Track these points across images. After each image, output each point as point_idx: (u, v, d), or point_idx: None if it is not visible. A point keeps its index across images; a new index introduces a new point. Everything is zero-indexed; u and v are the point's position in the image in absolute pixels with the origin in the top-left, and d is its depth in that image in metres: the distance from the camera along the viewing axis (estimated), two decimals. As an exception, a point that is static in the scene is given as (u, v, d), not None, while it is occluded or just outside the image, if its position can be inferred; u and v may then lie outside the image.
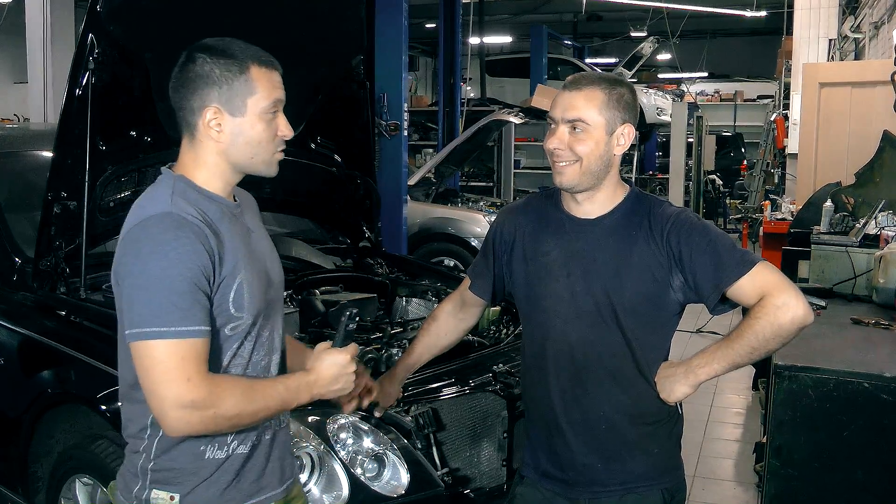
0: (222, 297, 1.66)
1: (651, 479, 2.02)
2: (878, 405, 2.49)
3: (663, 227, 1.95)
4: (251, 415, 1.66)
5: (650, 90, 16.03)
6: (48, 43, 7.73)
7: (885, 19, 7.36)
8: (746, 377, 5.83)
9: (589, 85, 1.95)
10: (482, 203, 9.21)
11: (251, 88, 1.70)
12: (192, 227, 1.63)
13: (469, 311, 2.28)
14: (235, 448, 1.74)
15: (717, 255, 1.91)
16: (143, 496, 1.72)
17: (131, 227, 1.66)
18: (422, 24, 17.81)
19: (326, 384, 1.77)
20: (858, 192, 5.09)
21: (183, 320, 1.58)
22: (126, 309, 1.62)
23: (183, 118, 1.73)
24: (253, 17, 3.30)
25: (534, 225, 2.08)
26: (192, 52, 1.71)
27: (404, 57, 7.55)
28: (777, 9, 12.92)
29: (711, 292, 1.92)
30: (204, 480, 1.71)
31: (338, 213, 4.27)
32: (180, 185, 1.70)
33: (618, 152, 1.98)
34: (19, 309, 3.19)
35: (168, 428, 1.60)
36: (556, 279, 2.00)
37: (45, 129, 4.63)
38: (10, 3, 12.77)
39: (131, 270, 1.61)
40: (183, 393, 1.56)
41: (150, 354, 1.57)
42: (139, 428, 1.72)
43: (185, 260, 1.59)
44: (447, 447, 2.79)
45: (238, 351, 1.73)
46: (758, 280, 1.90)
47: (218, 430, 1.65)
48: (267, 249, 1.87)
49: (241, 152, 1.73)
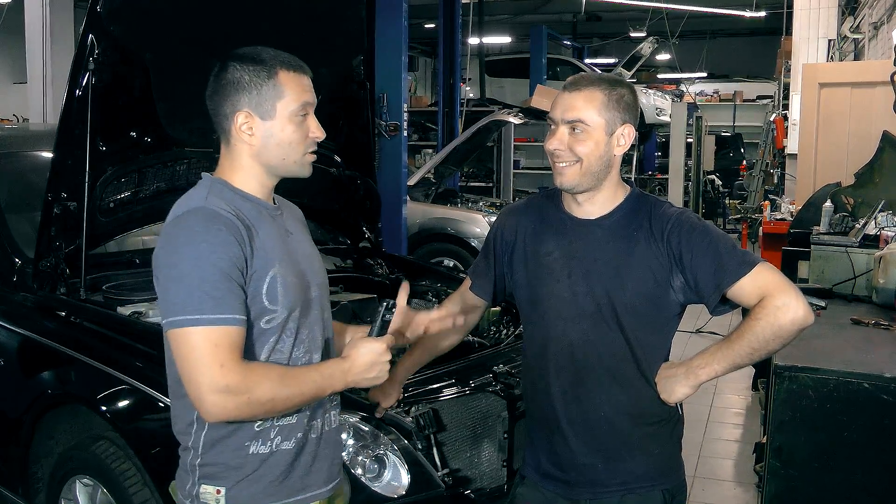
0: (255, 290, 1.72)
1: (652, 480, 2.03)
2: (878, 405, 2.49)
3: (664, 228, 1.95)
4: (285, 399, 1.70)
5: (649, 90, 16.04)
6: (48, 43, 7.73)
7: (885, 19, 7.36)
8: (746, 377, 5.83)
9: (588, 86, 1.95)
10: (482, 203, 9.21)
11: (280, 92, 1.77)
12: (223, 219, 1.69)
13: (469, 311, 2.27)
14: (279, 444, 1.78)
15: (717, 255, 1.92)
16: (194, 492, 1.78)
17: (167, 224, 1.74)
18: (421, 24, 17.82)
19: (361, 372, 1.80)
20: (858, 193, 5.09)
21: (215, 308, 1.63)
22: (162, 299, 1.70)
23: (218, 124, 1.81)
24: (253, 17, 3.30)
25: (535, 225, 2.08)
26: (226, 60, 1.79)
27: (404, 57, 7.55)
28: (776, 9, 12.92)
29: (712, 293, 1.92)
30: (248, 476, 1.76)
31: (338, 214, 4.27)
32: (217, 185, 1.79)
33: (618, 153, 1.99)
34: (19, 310, 3.19)
35: (205, 413, 1.65)
36: (557, 279, 2.00)
37: (44, 129, 4.63)
38: (9, 3, 12.77)
39: (166, 262, 1.69)
40: (217, 378, 1.61)
41: (185, 342, 1.63)
42: (186, 423, 1.78)
43: (216, 250, 1.66)
44: (448, 448, 2.79)
45: (276, 346, 1.77)
46: (758, 281, 1.90)
47: (254, 416, 1.70)
48: (307, 252, 1.92)
49: (272, 154, 1.80)
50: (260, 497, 1.77)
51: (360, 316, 3.74)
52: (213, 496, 1.75)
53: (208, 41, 3.24)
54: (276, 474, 1.78)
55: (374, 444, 2.64)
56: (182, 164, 3.43)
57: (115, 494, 2.68)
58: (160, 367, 2.65)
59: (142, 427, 2.76)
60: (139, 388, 2.69)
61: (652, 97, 15.64)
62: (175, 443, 1.86)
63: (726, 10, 15.05)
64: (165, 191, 3.42)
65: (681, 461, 2.12)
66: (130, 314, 3.10)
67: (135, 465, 2.66)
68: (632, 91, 2.00)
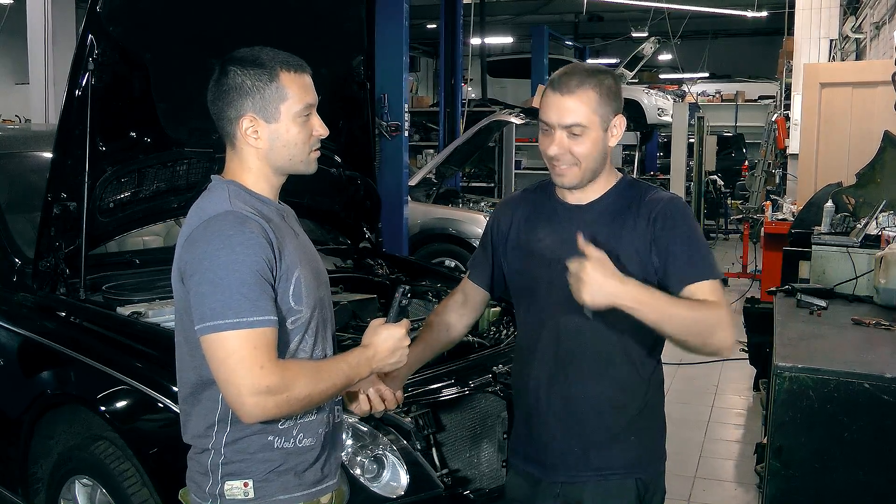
0: (283, 291, 1.74)
1: (626, 468, 2.04)
2: (878, 406, 2.48)
3: (651, 210, 1.98)
4: (321, 393, 1.73)
5: (651, 90, 16.02)
6: (49, 44, 7.73)
7: (886, 19, 7.35)
8: (747, 378, 5.83)
9: (579, 86, 1.95)
10: (483, 204, 9.20)
11: (283, 95, 1.78)
12: (254, 223, 1.71)
13: (470, 305, 2.29)
14: (301, 440, 1.82)
15: (692, 251, 1.95)
16: (217, 491, 1.78)
17: (194, 228, 1.73)
18: (423, 24, 17.82)
19: (384, 357, 1.85)
20: (859, 193, 5.08)
21: (254, 311, 1.65)
22: (197, 304, 1.68)
23: (222, 128, 1.82)
24: (253, 17, 3.30)
25: (528, 214, 2.12)
26: (224, 64, 1.79)
27: (405, 58, 7.56)
28: (778, 9, 12.91)
29: (676, 283, 1.94)
30: (275, 468, 1.79)
31: (338, 214, 4.26)
32: (234, 188, 1.79)
33: (612, 143, 2.02)
34: (19, 310, 3.19)
35: (246, 415, 1.66)
36: (548, 265, 2.02)
37: (45, 129, 4.63)
38: (11, 5, 12.80)
39: (199, 267, 1.68)
40: (258, 380, 1.62)
41: (224, 346, 1.64)
42: (206, 426, 1.79)
43: (251, 253, 1.67)
44: (447, 448, 2.79)
45: (300, 345, 1.80)
46: (715, 291, 1.94)
47: (292, 413, 1.73)
48: (314, 251, 1.95)
49: (279, 155, 1.81)
50: (286, 487, 1.80)
51: (360, 316, 3.74)
52: (241, 489, 1.77)
53: (208, 41, 3.25)
54: (300, 467, 1.82)
55: (372, 444, 2.64)
56: (182, 164, 3.43)
57: (114, 495, 2.68)
58: (159, 367, 2.70)
59: (141, 427, 2.76)
60: (138, 388, 2.69)
61: (654, 97, 15.62)
62: (177, 444, 1.86)
63: (728, 10, 15.04)
64: (165, 191, 3.43)
65: (661, 453, 2.13)
66: (130, 314, 3.10)
67: (134, 466, 2.66)
68: (614, 77, 2.02)
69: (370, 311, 3.82)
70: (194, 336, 1.71)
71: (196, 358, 1.75)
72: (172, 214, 3.60)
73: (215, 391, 1.75)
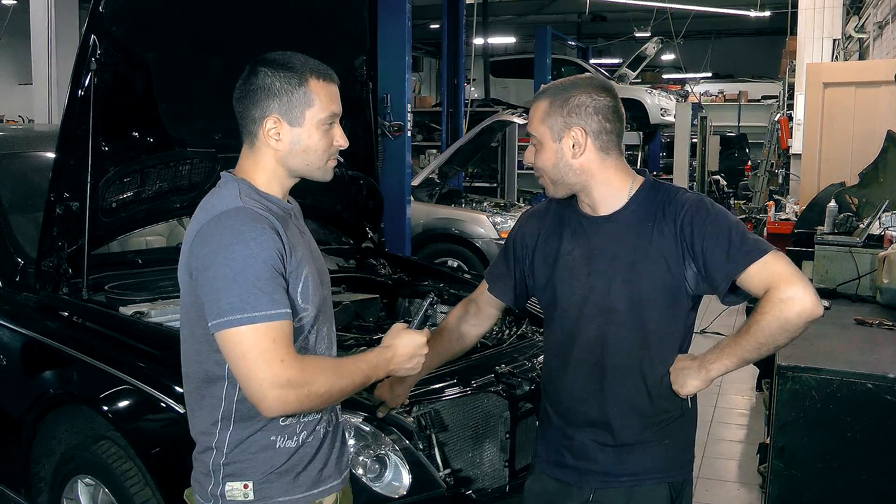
0: (292, 289, 1.75)
1: (660, 473, 2.04)
2: (881, 406, 2.48)
3: (677, 215, 1.95)
4: (340, 390, 1.73)
5: (654, 90, 16.01)
6: (52, 45, 7.76)
7: (889, 19, 7.34)
8: (750, 378, 5.82)
9: (538, 97, 2.00)
10: (486, 204, 9.19)
11: (310, 100, 1.79)
12: (265, 219, 1.72)
13: (483, 316, 2.28)
14: (305, 438, 1.82)
15: (728, 242, 1.90)
16: (218, 492, 1.79)
17: (204, 224, 1.73)
18: (426, 24, 17.83)
19: (402, 361, 1.87)
20: (862, 193, 5.08)
21: (270, 304, 1.65)
22: (212, 300, 1.66)
23: (244, 126, 1.82)
24: (255, 17, 3.30)
25: (554, 227, 2.11)
26: (255, 65, 1.80)
27: (408, 58, 7.55)
28: (781, 9, 12.90)
29: (722, 281, 1.91)
30: (276, 469, 1.79)
31: (341, 214, 4.26)
32: (244, 186, 1.80)
33: (577, 158, 1.96)
34: (22, 310, 3.19)
35: (266, 409, 1.66)
36: (577, 277, 2.02)
37: (48, 130, 4.64)
38: (14, 5, 12.82)
39: (214, 261, 1.67)
40: (279, 373, 1.63)
41: (243, 340, 1.63)
42: (210, 422, 1.79)
43: (265, 248, 1.67)
44: (449, 448, 2.79)
45: (305, 344, 1.80)
46: (766, 270, 1.87)
47: (311, 407, 1.73)
48: (318, 250, 1.96)
49: (297, 159, 1.82)
50: (285, 489, 1.80)
51: (362, 316, 3.74)
52: (241, 491, 1.77)
53: (210, 42, 3.26)
54: (301, 467, 1.82)
55: (375, 444, 2.63)
56: (184, 164, 3.43)
57: (117, 494, 2.69)
58: (162, 367, 2.70)
59: (143, 427, 2.76)
60: (141, 388, 2.69)
61: (657, 97, 15.61)
62: (180, 444, 1.86)
63: (731, 10, 15.04)
64: (167, 191, 3.43)
65: (690, 456, 2.13)
66: (133, 314, 3.10)
67: (136, 465, 2.66)
68: (589, 93, 1.95)
69: (372, 311, 3.82)
70: (201, 331, 1.71)
71: (202, 354, 1.75)
72: (175, 214, 3.61)
73: (220, 388, 1.75)
